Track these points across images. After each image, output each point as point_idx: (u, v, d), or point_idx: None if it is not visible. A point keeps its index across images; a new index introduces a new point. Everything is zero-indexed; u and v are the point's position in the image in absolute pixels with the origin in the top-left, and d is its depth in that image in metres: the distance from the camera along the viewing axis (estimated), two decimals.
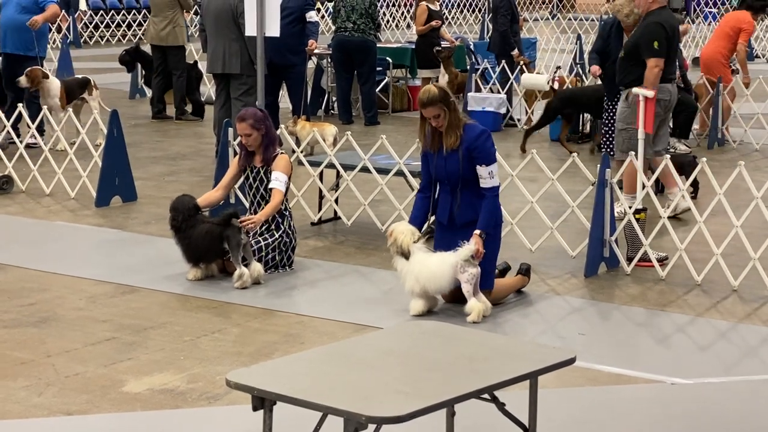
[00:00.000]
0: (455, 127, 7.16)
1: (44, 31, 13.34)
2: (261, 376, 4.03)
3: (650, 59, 9.48)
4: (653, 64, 9.48)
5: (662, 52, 9.51)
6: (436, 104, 7.10)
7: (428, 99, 7.11)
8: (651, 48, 9.49)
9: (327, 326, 6.96)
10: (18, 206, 10.24)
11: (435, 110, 7.12)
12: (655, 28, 9.58)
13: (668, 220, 8.22)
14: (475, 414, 5.01)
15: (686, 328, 7.11)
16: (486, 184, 7.16)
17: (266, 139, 8.11)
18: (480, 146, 7.15)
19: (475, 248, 6.98)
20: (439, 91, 7.14)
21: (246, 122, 8.04)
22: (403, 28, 28.80)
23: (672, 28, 9.69)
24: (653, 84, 9.44)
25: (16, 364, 6.21)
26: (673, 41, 9.70)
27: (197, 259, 7.85)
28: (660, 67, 9.50)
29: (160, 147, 13.47)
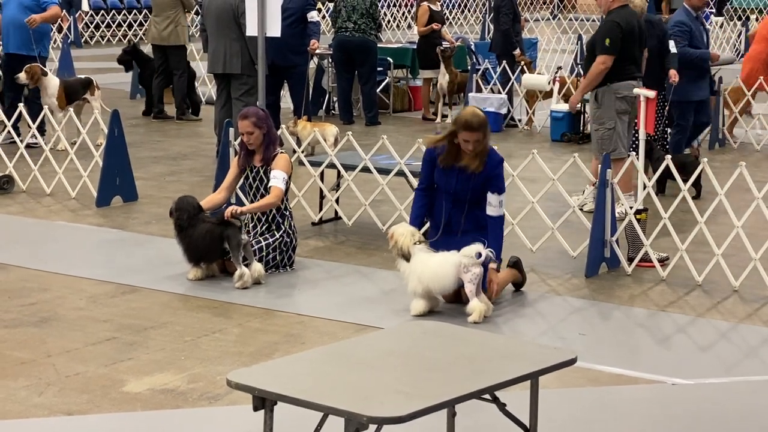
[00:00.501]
0: (485, 154, 7.20)
1: (46, 31, 13.34)
2: (262, 376, 4.02)
3: (599, 56, 9.67)
4: (600, 61, 9.65)
5: (613, 50, 9.63)
6: (482, 130, 7.10)
7: (479, 124, 7.07)
8: (602, 45, 9.67)
9: (328, 326, 6.96)
10: (19, 206, 10.24)
11: (479, 135, 7.10)
12: (611, 26, 9.73)
13: (668, 220, 8.22)
14: (476, 414, 5.01)
15: (687, 328, 7.11)
16: (493, 212, 7.21)
17: (267, 139, 8.11)
18: (498, 175, 7.25)
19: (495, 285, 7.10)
20: (485, 116, 7.16)
21: (248, 120, 8.04)
22: (404, 29, 28.80)
23: (630, 27, 9.78)
24: (594, 79, 9.70)
25: (17, 364, 6.21)
26: (632, 39, 9.78)
27: (198, 258, 7.85)
28: (606, 65, 9.63)
29: (160, 147, 13.47)
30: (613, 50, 9.63)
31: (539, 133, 14.88)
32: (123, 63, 16.43)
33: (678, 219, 8.86)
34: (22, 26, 12.73)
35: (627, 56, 9.73)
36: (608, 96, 9.77)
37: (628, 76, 9.76)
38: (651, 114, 8.63)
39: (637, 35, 9.87)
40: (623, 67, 9.72)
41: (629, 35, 9.75)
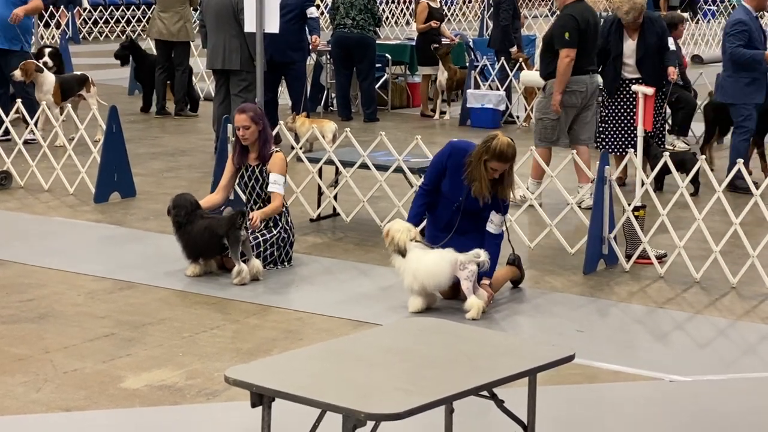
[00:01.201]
0: (512, 183, 7.24)
1: (29, 26, 13.33)
2: (260, 373, 4.02)
3: (562, 50, 9.90)
4: (564, 55, 9.86)
5: (573, 43, 9.86)
6: (513, 160, 7.11)
7: (512, 155, 7.05)
8: (562, 39, 9.88)
9: (326, 323, 6.96)
10: (17, 202, 10.23)
11: (508, 166, 7.09)
12: (568, 20, 9.94)
13: (666, 217, 8.22)
14: (474, 411, 5.01)
15: (685, 325, 7.12)
16: (493, 230, 7.21)
17: (263, 136, 8.09)
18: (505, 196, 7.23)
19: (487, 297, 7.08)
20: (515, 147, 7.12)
21: (246, 114, 8.03)
22: (403, 25, 28.78)
23: (585, 21, 9.98)
24: (564, 74, 9.87)
25: (14, 360, 6.21)
26: (587, 33, 9.98)
27: (196, 255, 7.85)
28: (571, 58, 9.85)
29: (159, 143, 13.47)
30: (573, 43, 9.87)
31: None
32: (120, 58, 16.41)
33: (676, 216, 8.86)
34: (7, 21, 12.70)
35: (581, 50, 9.98)
36: None
37: (581, 70, 10.01)
38: (649, 111, 8.62)
39: (592, 30, 10.11)
40: (576, 61, 9.98)
41: (584, 30, 9.96)
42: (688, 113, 13.22)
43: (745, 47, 10.91)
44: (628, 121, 10.73)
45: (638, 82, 10.07)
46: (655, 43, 10.71)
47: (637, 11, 10.48)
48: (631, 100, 10.60)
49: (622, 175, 10.81)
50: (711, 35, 26.14)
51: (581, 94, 10.05)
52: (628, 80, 10.64)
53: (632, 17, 10.52)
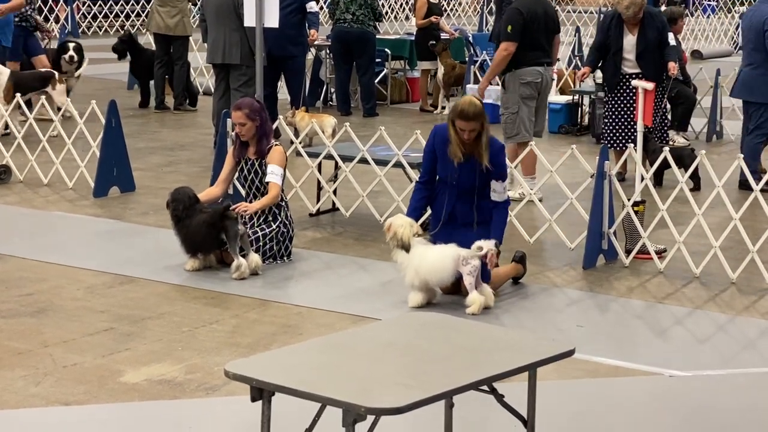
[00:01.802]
0: (489, 144, 7.20)
1: (8, 21, 13.35)
2: (260, 367, 4.02)
3: (502, 42, 10.12)
4: (502, 48, 10.10)
5: (515, 37, 10.03)
6: (479, 119, 7.10)
7: (474, 114, 7.07)
8: (505, 32, 10.07)
9: (325, 317, 6.95)
10: (16, 196, 10.22)
11: (475, 125, 7.11)
12: (512, 14, 10.14)
13: (666, 212, 8.22)
14: (474, 405, 5.01)
15: (684, 320, 7.11)
16: (499, 198, 7.23)
17: (260, 131, 8.08)
18: (500, 162, 7.25)
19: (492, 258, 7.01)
20: (481, 105, 7.15)
21: (241, 111, 8.02)
22: (402, 20, 28.76)
23: (533, 13, 10.10)
24: (498, 65, 10.12)
25: (14, 354, 6.20)
26: (535, 26, 10.09)
27: (195, 249, 7.85)
28: (509, 51, 10.03)
29: (158, 137, 13.46)
30: (515, 37, 10.00)
31: None
32: (117, 51, 16.40)
33: (675, 211, 8.86)
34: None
35: (532, 43, 10.11)
36: (513, 81, 10.20)
37: (534, 62, 10.15)
38: (649, 106, 8.61)
39: (543, 22, 10.19)
40: (528, 53, 10.10)
41: (532, 22, 10.08)
42: (688, 108, 13.22)
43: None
44: (629, 116, 10.72)
45: (638, 77, 10.05)
46: (655, 38, 10.69)
47: (637, 6, 10.48)
48: (631, 95, 10.60)
49: (622, 170, 10.81)
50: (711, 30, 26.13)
51: (536, 84, 10.22)
52: (628, 75, 10.63)
53: (632, 12, 10.51)
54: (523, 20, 10.04)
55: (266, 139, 8.11)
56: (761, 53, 10.75)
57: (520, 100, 10.14)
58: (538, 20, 10.14)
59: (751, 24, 10.92)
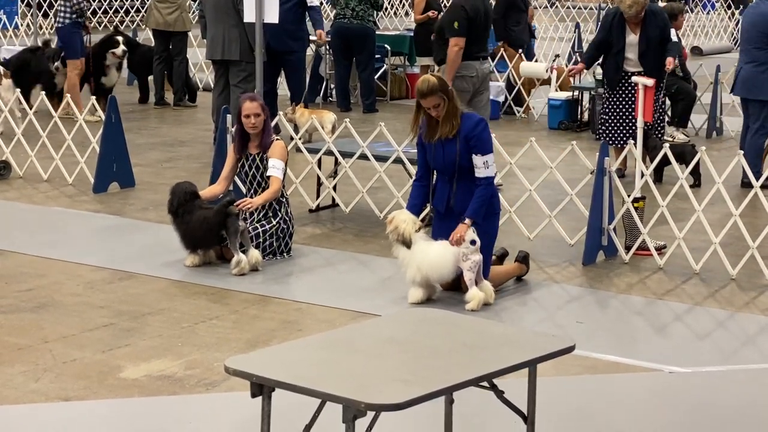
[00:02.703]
0: (453, 116, 7.14)
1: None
2: (260, 363, 4.02)
3: (451, 38, 10.29)
4: (453, 43, 10.28)
5: (462, 32, 10.25)
6: (435, 93, 7.08)
7: (428, 89, 7.08)
8: (451, 28, 10.31)
9: (325, 313, 6.95)
10: (16, 192, 10.22)
11: (435, 100, 7.09)
12: (457, 10, 10.38)
13: (666, 208, 8.22)
14: (474, 401, 5.01)
15: (684, 316, 7.12)
16: (480, 174, 7.13)
17: (266, 124, 8.11)
18: (477, 135, 7.13)
19: (458, 235, 6.97)
20: (438, 81, 7.13)
21: (257, 102, 8.04)
22: (402, 16, 28.74)
23: (475, 9, 10.37)
24: (454, 61, 10.28)
25: (14, 350, 6.21)
26: (476, 22, 10.38)
27: (195, 245, 7.85)
28: (460, 46, 10.27)
29: (158, 133, 13.45)
30: (462, 32, 10.27)
31: (537, 121, 14.87)
32: None
33: (675, 207, 8.86)
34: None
35: (471, 37, 10.36)
36: None
37: (471, 56, 10.41)
38: (649, 102, 8.61)
39: (482, 18, 10.52)
40: (467, 48, 10.35)
41: (474, 18, 10.37)
42: (688, 105, 13.21)
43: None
44: (629, 113, 10.72)
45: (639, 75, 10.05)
46: (657, 36, 10.68)
47: (639, 5, 10.46)
48: (632, 93, 10.59)
49: (622, 167, 10.81)
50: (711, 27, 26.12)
51: (472, 79, 10.46)
52: (629, 73, 10.62)
53: (635, 11, 10.49)
54: (467, 15, 10.34)
55: (269, 132, 8.13)
56: (765, 51, 10.71)
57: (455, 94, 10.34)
58: (479, 16, 10.45)
59: (754, 22, 10.86)
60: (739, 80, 10.97)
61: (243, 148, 8.15)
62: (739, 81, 10.98)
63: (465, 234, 6.98)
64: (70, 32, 13.97)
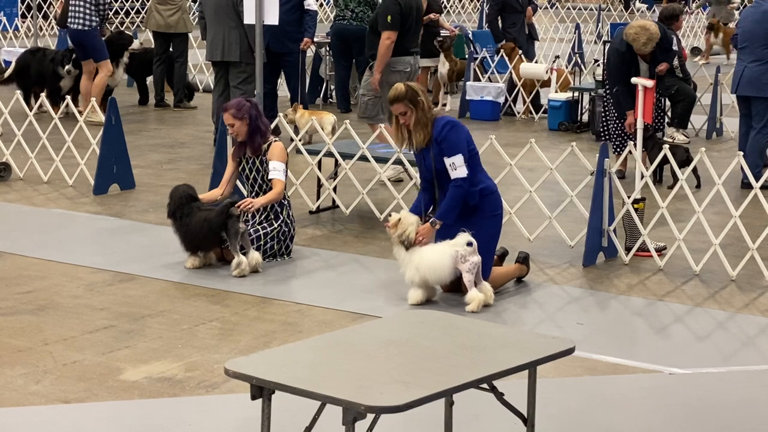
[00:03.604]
0: (423, 125, 7.20)
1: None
2: (260, 365, 4.02)
3: (383, 32, 10.52)
4: (385, 37, 10.51)
5: (395, 26, 10.51)
6: (401, 101, 7.19)
7: (394, 96, 7.22)
8: (385, 22, 10.52)
9: (325, 315, 6.95)
10: (16, 194, 10.22)
11: (401, 107, 7.20)
12: (390, 4, 10.58)
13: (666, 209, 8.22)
14: (474, 403, 5.01)
15: (684, 318, 7.12)
16: (453, 175, 7.15)
17: (251, 128, 8.04)
18: (444, 137, 7.17)
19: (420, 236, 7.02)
20: (406, 89, 7.22)
21: (228, 112, 8.04)
22: None
23: (408, 5, 10.61)
24: (384, 54, 10.52)
25: (14, 352, 6.21)
26: (409, 17, 10.63)
27: (195, 247, 7.85)
28: (392, 40, 10.52)
29: (158, 135, 13.45)
30: (395, 26, 10.50)
31: (537, 122, 14.87)
32: None
33: (675, 208, 8.86)
34: None
35: (404, 33, 10.63)
36: (384, 68, 10.65)
37: (404, 51, 10.70)
38: (649, 103, 8.61)
39: (415, 14, 10.75)
40: (400, 43, 10.62)
41: (407, 14, 10.62)
42: (688, 106, 13.19)
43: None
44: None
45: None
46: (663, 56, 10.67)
47: (653, 42, 10.38)
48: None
49: (622, 168, 10.80)
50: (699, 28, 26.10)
51: (405, 73, 10.71)
52: None
53: (650, 48, 10.43)
54: (400, 10, 10.52)
55: (260, 135, 8.07)
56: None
57: (387, 87, 10.44)
58: (411, 11, 10.65)
59: (760, 20, 10.82)
60: (743, 79, 10.88)
61: (241, 151, 8.15)
62: (743, 80, 10.88)
63: (428, 234, 7.06)
64: (95, 35, 13.94)
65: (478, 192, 7.22)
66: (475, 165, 7.25)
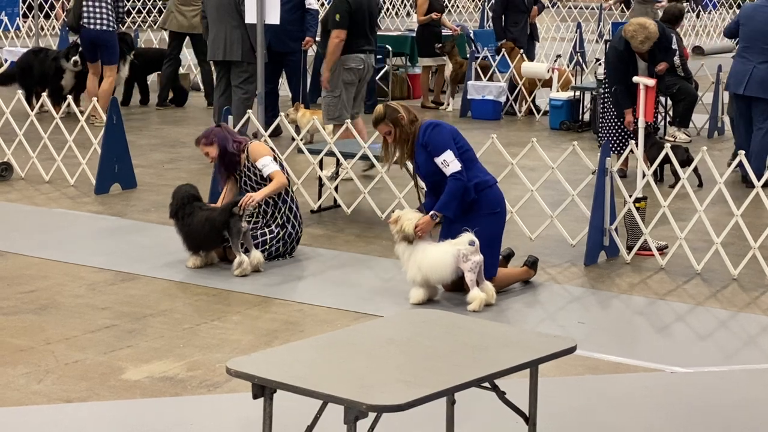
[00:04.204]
0: (404, 142, 7.29)
1: None
2: (261, 364, 4.02)
3: (333, 30, 10.64)
4: (334, 35, 10.64)
5: (343, 25, 10.61)
6: (382, 122, 7.29)
7: (375, 118, 7.33)
8: (334, 20, 10.65)
9: (327, 314, 6.96)
10: (17, 193, 10.23)
11: (384, 128, 7.31)
12: (339, 3, 10.74)
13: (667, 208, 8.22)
14: (476, 402, 5.01)
15: (686, 316, 7.12)
16: (446, 172, 7.16)
17: (221, 148, 7.98)
18: (428, 139, 7.20)
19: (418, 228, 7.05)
20: (384, 109, 7.29)
21: (199, 145, 8.12)
22: (403, 16, 28.75)
23: (358, 3, 10.71)
24: (333, 53, 10.65)
25: (16, 351, 6.21)
26: (358, 16, 10.73)
27: (197, 246, 7.85)
28: (341, 38, 10.63)
29: (159, 134, 13.46)
30: (344, 24, 10.60)
31: (538, 121, 14.87)
32: None
33: (677, 207, 8.86)
34: None
35: (356, 31, 10.71)
36: (338, 67, 10.74)
37: (357, 49, 10.78)
38: (650, 102, 8.61)
39: (365, 11, 10.82)
40: (352, 41, 10.71)
41: (357, 11, 10.72)
42: (689, 105, 13.20)
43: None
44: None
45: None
46: (662, 55, 10.67)
47: (651, 41, 10.38)
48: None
49: (624, 167, 10.79)
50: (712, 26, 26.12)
51: (359, 71, 10.87)
52: None
53: (647, 47, 10.43)
54: (349, 9, 10.61)
55: (227, 155, 8.01)
56: None
57: (343, 85, 10.80)
58: (362, 9, 10.73)
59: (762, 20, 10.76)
60: (753, 79, 10.64)
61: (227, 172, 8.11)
62: (753, 80, 10.64)
63: (427, 227, 7.10)
64: (114, 36, 13.94)
65: (473, 187, 7.23)
66: (467, 160, 7.25)
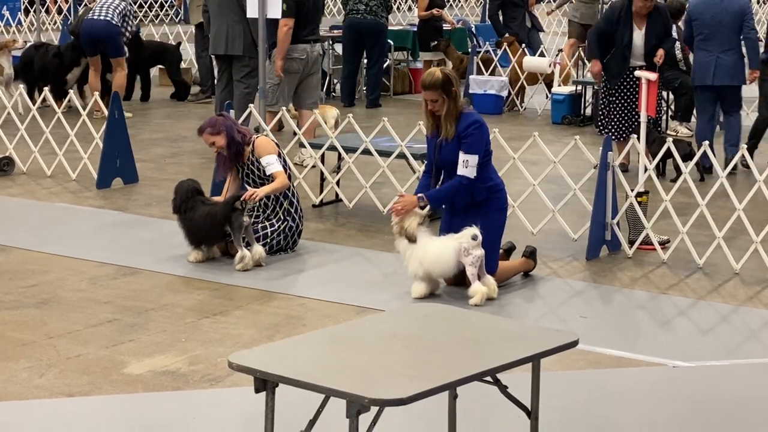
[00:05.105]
0: (451, 117, 7.14)
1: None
2: (263, 358, 4.02)
3: (281, 20, 10.88)
4: (282, 24, 10.98)
5: (290, 13, 10.92)
6: (436, 89, 7.10)
7: (430, 83, 7.10)
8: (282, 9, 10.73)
9: (329, 309, 6.96)
10: (19, 188, 10.23)
11: (434, 95, 7.12)
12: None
13: (669, 203, 8.21)
14: (478, 396, 5.01)
15: (688, 311, 7.11)
16: (460, 171, 7.12)
17: (229, 138, 7.99)
18: (469, 134, 7.13)
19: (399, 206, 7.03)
20: (443, 77, 7.11)
21: (204, 134, 8.06)
22: (405, 11, 28.72)
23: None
24: (283, 42, 11.04)
25: (18, 346, 6.21)
26: (304, 7, 11.16)
27: (199, 241, 7.85)
28: (289, 27, 11.02)
29: (161, 128, 13.45)
30: (290, 13, 10.92)
31: (540, 115, 14.86)
32: None
33: (679, 202, 8.85)
34: None
35: (300, 20, 11.12)
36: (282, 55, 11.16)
37: (301, 39, 11.21)
38: (653, 96, 8.60)
39: (311, 3, 11.30)
40: (296, 31, 11.13)
41: (302, 2, 11.16)
42: (691, 99, 13.17)
43: None
44: (631, 107, 10.71)
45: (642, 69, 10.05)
46: (660, 32, 10.70)
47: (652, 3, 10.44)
48: (634, 87, 10.60)
49: (625, 161, 10.79)
50: None
51: (302, 60, 11.29)
52: (633, 67, 10.60)
53: (647, 8, 10.48)
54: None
55: (236, 143, 7.99)
56: (738, 37, 10.85)
57: (284, 74, 11.14)
58: (307, 0, 11.11)
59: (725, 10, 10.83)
60: (719, 69, 10.86)
61: (230, 164, 8.10)
62: (719, 70, 10.86)
63: (409, 204, 7.04)
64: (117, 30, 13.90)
65: (487, 189, 7.23)
66: (487, 163, 7.24)
